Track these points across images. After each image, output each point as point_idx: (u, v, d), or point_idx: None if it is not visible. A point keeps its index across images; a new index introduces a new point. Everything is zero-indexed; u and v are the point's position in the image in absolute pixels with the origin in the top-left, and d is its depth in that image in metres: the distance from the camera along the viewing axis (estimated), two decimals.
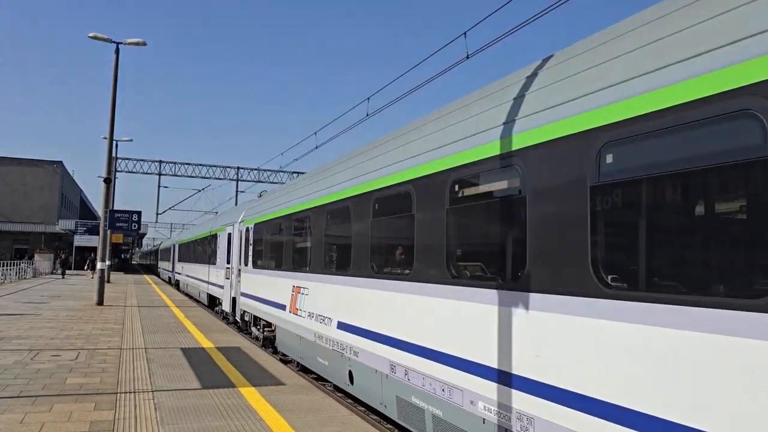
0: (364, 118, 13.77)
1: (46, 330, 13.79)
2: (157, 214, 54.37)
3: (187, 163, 53.04)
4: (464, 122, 6.31)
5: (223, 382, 8.53)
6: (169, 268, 46.27)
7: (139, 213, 27.31)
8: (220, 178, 54.38)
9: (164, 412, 6.80)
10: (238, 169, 54.18)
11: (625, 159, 4.07)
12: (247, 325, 16.97)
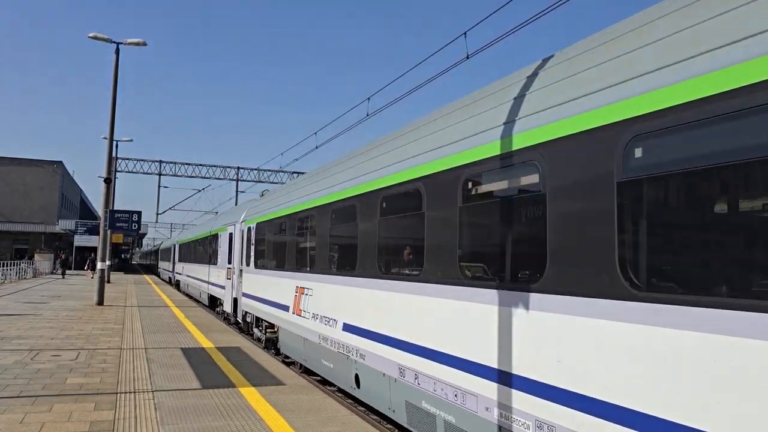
0: (364, 118, 13.77)
1: (46, 330, 13.80)
2: (157, 214, 54.40)
3: (187, 163, 53.08)
4: (478, 117, 6.03)
5: (223, 382, 8.53)
6: (170, 269, 46.23)
7: (139, 213, 27.35)
8: (220, 178, 54.42)
9: (164, 412, 6.81)
10: (238, 169, 54.21)
11: (657, 153, 3.80)
12: (248, 326, 16.75)
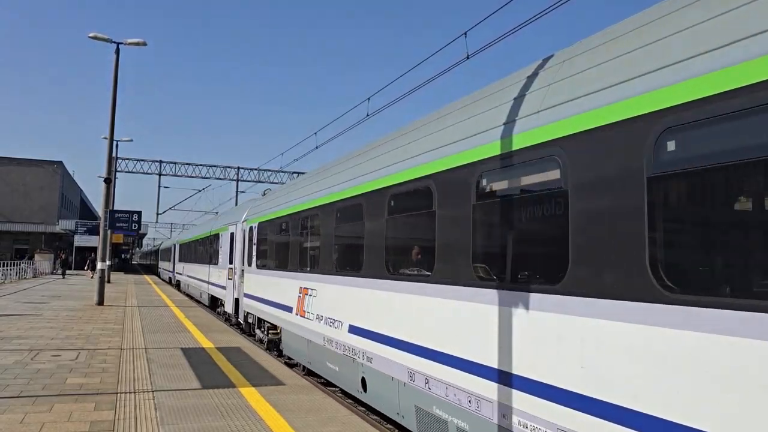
0: (365, 118, 13.77)
1: (47, 330, 13.80)
2: (158, 214, 54.41)
3: (187, 163, 53.09)
4: (493, 111, 5.81)
5: (223, 382, 8.53)
6: (170, 269, 46.23)
7: (140, 213, 27.33)
8: (220, 178, 54.43)
9: (164, 412, 6.81)
10: (239, 169, 54.22)
11: (691, 146, 3.59)
12: (250, 326, 16.58)
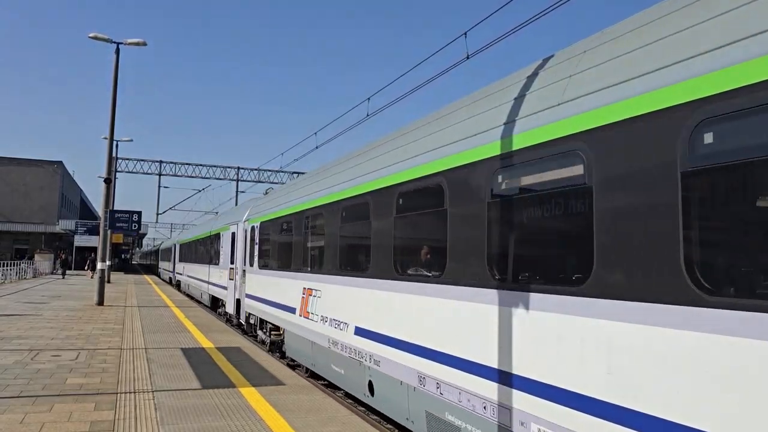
0: (365, 118, 13.77)
1: (47, 330, 13.80)
2: (158, 214, 54.46)
3: (187, 163, 53.13)
4: (509, 104, 5.61)
5: (223, 382, 8.53)
6: (170, 269, 46.21)
7: (140, 213, 27.36)
8: (220, 178, 54.46)
9: (164, 412, 6.81)
10: (239, 169, 54.23)
11: (730, 139, 3.39)
12: (252, 327, 16.38)
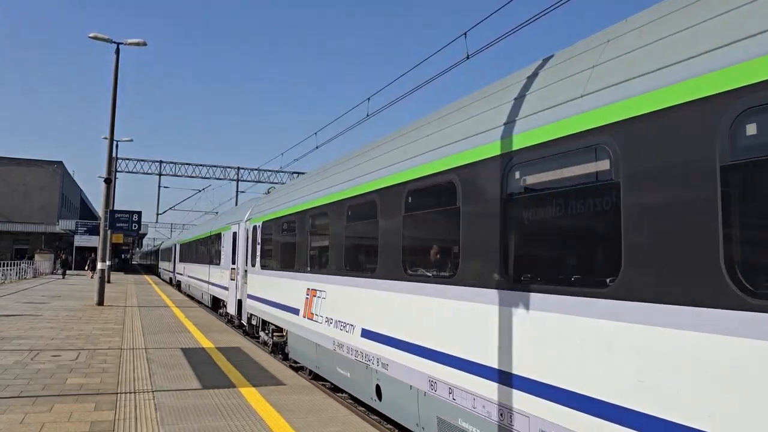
0: (365, 118, 13.78)
1: (47, 330, 13.80)
2: (158, 215, 54.46)
3: (187, 163, 53.13)
4: (527, 97, 5.38)
5: (224, 383, 8.53)
6: (170, 269, 46.17)
7: (140, 213, 27.36)
8: (220, 179, 54.45)
9: (164, 412, 6.81)
10: (239, 169, 54.24)
11: None
12: (254, 328, 16.20)
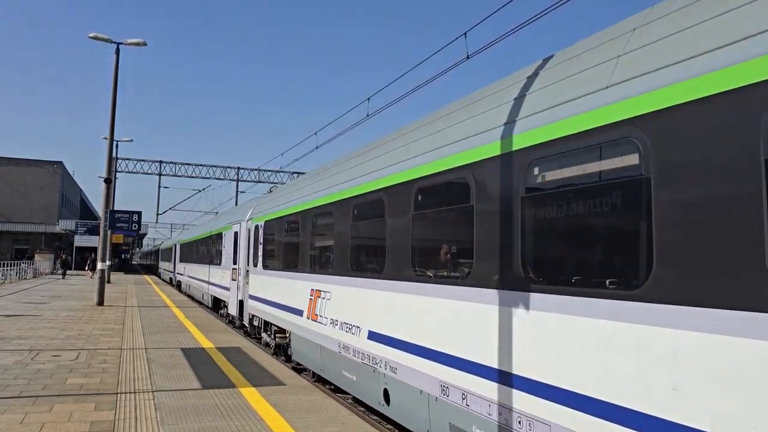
0: (365, 118, 13.78)
1: (47, 330, 13.80)
2: (158, 215, 54.45)
3: (187, 164, 53.13)
4: (547, 89, 5.18)
5: (224, 383, 8.53)
6: (171, 269, 46.11)
7: (140, 213, 27.37)
8: (220, 179, 54.46)
9: (164, 412, 6.81)
10: (239, 169, 54.24)
11: None
12: (255, 329, 15.99)
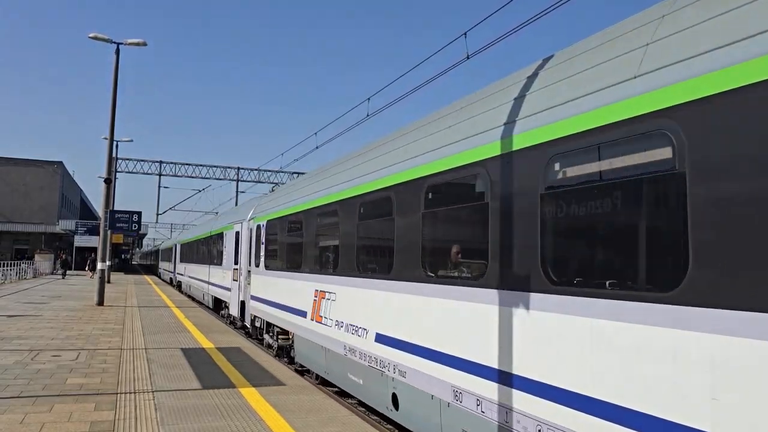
0: (365, 118, 13.77)
1: (47, 330, 13.80)
2: (158, 215, 54.43)
3: (187, 164, 53.13)
4: (569, 81, 4.93)
5: (224, 383, 8.53)
6: (171, 269, 46.06)
7: (140, 213, 27.37)
8: (220, 179, 54.45)
9: (164, 413, 6.81)
10: (239, 169, 54.24)
11: None
12: (257, 331, 15.77)
